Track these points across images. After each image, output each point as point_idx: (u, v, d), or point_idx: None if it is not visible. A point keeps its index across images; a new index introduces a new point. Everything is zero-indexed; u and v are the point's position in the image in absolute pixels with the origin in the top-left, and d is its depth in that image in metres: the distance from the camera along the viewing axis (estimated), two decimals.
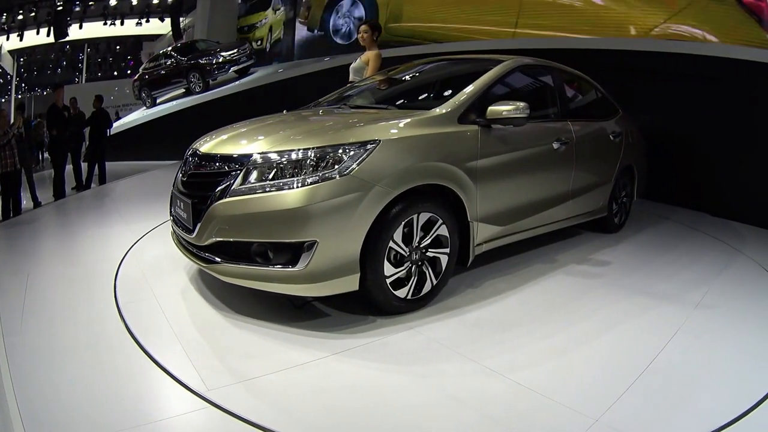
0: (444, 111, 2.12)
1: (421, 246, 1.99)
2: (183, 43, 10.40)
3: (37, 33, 15.75)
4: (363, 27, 3.51)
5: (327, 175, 1.72)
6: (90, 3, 15.47)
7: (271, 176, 1.77)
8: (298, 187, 1.71)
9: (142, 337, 1.84)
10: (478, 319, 2.02)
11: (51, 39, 14.58)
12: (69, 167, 5.75)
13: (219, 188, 1.84)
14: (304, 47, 8.99)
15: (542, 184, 2.62)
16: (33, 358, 1.71)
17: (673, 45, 4.27)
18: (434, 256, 2.06)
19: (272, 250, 1.76)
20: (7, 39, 16.28)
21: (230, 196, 1.79)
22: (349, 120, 2.05)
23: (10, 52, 17.17)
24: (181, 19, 13.85)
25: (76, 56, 21.83)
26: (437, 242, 2.06)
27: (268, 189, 1.74)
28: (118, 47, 21.65)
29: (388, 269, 1.88)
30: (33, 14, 15.17)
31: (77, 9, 15.04)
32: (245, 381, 1.55)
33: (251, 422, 1.35)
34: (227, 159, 1.88)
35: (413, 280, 1.99)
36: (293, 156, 1.76)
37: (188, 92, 9.23)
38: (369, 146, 1.79)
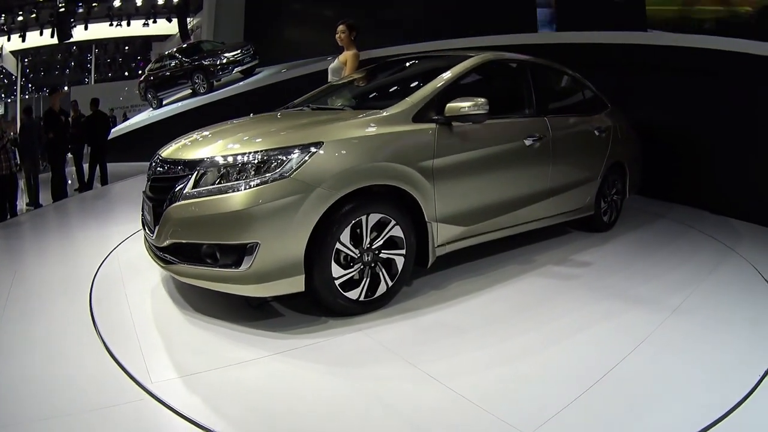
0: (396, 110, 2.13)
1: (373, 247, 2.01)
2: (188, 44, 10.67)
3: (41, 34, 16.32)
4: (340, 27, 3.55)
5: (269, 178, 1.77)
6: (93, 4, 16.00)
7: (218, 180, 1.83)
8: (241, 190, 1.76)
9: (105, 331, 1.94)
10: (433, 322, 2.03)
11: (55, 40, 15.11)
12: (72, 168, 6.03)
13: (174, 192, 1.92)
14: None
15: (513, 183, 2.59)
16: (6, 347, 1.84)
17: (671, 38, 4.14)
18: (389, 258, 2.08)
19: (219, 251, 1.82)
20: (8, 40, 16.88)
21: (182, 200, 1.86)
22: (301, 122, 2.09)
23: (13, 52, 17.83)
24: (189, 19, 14.20)
25: (84, 57, 22.66)
26: (392, 243, 2.08)
27: (215, 192, 1.80)
28: (126, 47, 22.38)
29: (336, 271, 1.91)
30: (34, 15, 15.74)
31: (81, 10, 15.57)
32: (188, 376, 1.62)
33: (182, 415, 1.42)
34: (182, 163, 1.96)
35: (365, 282, 2.01)
36: (239, 160, 1.82)
37: (194, 93, 9.48)
38: (312, 149, 1.83)
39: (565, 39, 4.91)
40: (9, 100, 20.93)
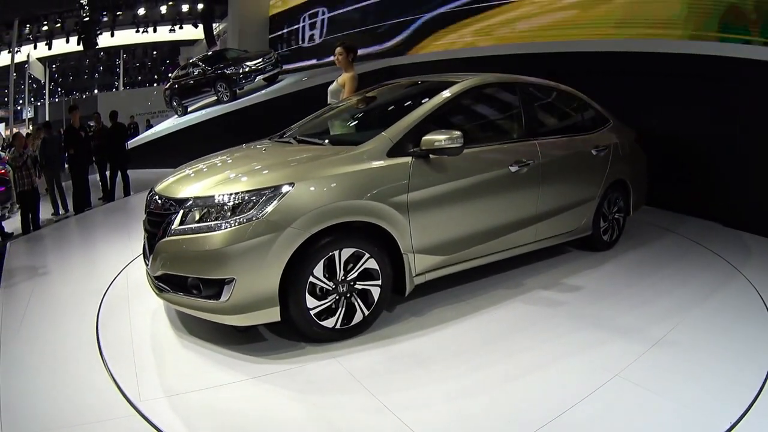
0: (371, 146, 2.26)
1: (348, 279, 2.16)
2: (211, 52, 11.11)
3: (67, 42, 17.33)
4: (338, 49, 3.67)
5: (243, 219, 1.95)
6: (118, 13, 16.89)
7: (201, 218, 2.04)
8: (219, 229, 1.96)
9: (106, 350, 2.20)
10: (404, 351, 2.15)
11: (80, 48, 15.99)
12: (96, 176, 6.52)
13: (164, 226, 2.14)
14: None
15: (496, 211, 2.66)
16: (18, 362, 2.13)
17: (679, 45, 4.03)
18: (365, 289, 2.22)
19: (202, 284, 2.03)
20: (35, 48, 17.98)
21: (170, 235, 2.09)
22: (278, 161, 2.27)
23: (40, 59, 18.95)
24: (214, 25, 14.75)
25: (113, 62, 23.98)
26: (367, 275, 2.22)
27: (197, 231, 2.01)
28: (155, 52, 23.53)
29: (311, 302, 2.08)
30: (59, 24, 16.71)
31: (105, 19, 16.44)
32: (172, 396, 1.84)
33: (159, 429, 1.63)
34: (170, 201, 2.17)
35: (341, 312, 2.17)
36: (218, 201, 2.02)
37: (218, 101, 9.89)
38: (283, 189, 2.00)
39: (580, 48, 4.86)
40: (39, 103, 22.49)
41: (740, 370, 2.04)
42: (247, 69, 9.42)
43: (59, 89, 26.39)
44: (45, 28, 16.54)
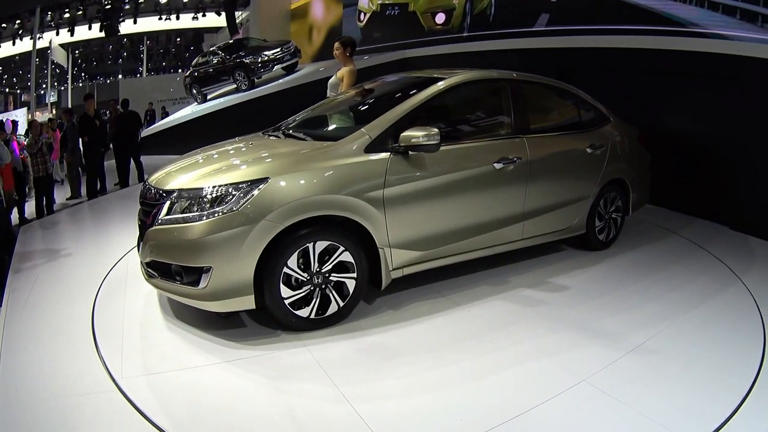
0: (349, 142, 2.35)
1: (323, 271, 2.28)
2: (231, 41, 11.35)
3: (89, 28, 17.94)
4: (336, 44, 3.78)
5: (221, 211, 2.09)
6: (140, 0, 17.38)
7: (184, 209, 2.19)
8: (199, 220, 2.10)
9: (99, 330, 2.40)
10: (375, 343, 2.25)
11: (103, 34, 16.57)
12: (112, 162, 6.88)
13: (152, 216, 2.31)
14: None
15: (478, 207, 2.70)
16: (20, 339, 2.35)
17: (692, 43, 3.92)
18: (339, 281, 2.34)
19: (183, 271, 2.19)
20: (57, 34, 18.67)
21: (157, 225, 2.25)
22: (260, 155, 2.38)
23: (62, 45, 19.64)
24: (237, 13, 14.99)
25: (136, 48, 24.73)
26: (343, 267, 2.33)
27: (180, 221, 2.16)
28: (178, 39, 24.16)
29: (286, 292, 2.21)
30: (81, 12, 17.32)
31: (127, 6, 16.95)
32: (150, 375, 2.01)
33: (135, 406, 1.80)
34: (159, 192, 2.33)
35: (315, 303, 2.29)
36: (199, 193, 2.16)
37: (237, 89, 10.14)
38: (260, 184, 2.12)
39: (588, 44, 4.78)
40: (62, 88, 23.52)
41: (716, 388, 1.95)
42: (265, 58, 9.60)
43: (83, 74, 27.51)
44: (67, 15, 17.24)
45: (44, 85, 24.10)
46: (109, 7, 15.28)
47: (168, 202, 2.25)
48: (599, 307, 2.66)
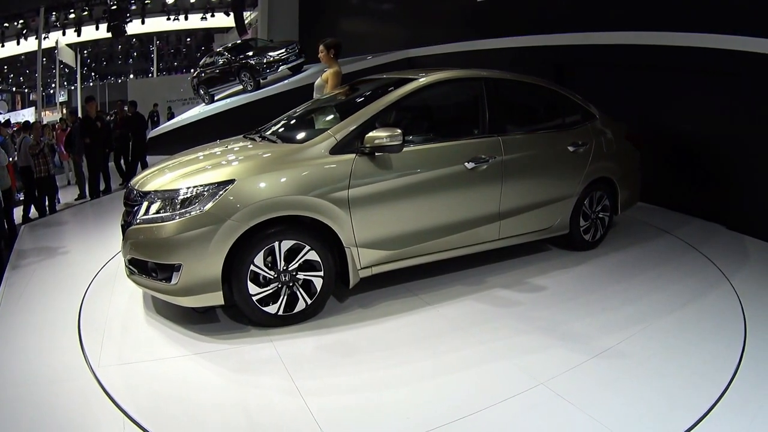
0: (314, 144, 2.49)
1: (290, 269, 2.44)
2: (237, 42, 11.69)
3: (96, 29, 18.56)
4: (320, 47, 3.94)
5: (190, 211, 2.27)
6: (146, 1, 17.93)
7: (159, 210, 2.38)
8: (171, 220, 2.28)
9: (84, 322, 2.62)
10: (338, 340, 2.38)
11: (110, 35, 17.16)
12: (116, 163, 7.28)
13: (133, 215, 2.52)
14: None
15: (448, 207, 2.79)
16: (11, 330, 2.59)
17: (691, 38, 3.89)
18: (307, 279, 2.48)
19: (158, 268, 2.38)
20: (63, 34, 19.36)
21: (135, 224, 2.45)
22: (230, 158, 2.55)
23: (71, 45, 20.29)
24: (246, 14, 15.35)
25: (146, 48, 25.53)
26: (310, 266, 2.47)
27: (155, 221, 2.35)
28: (188, 39, 24.89)
29: (253, 288, 2.36)
30: (86, 12, 17.93)
31: (134, 7, 17.52)
32: (124, 364, 2.21)
33: (106, 392, 1.99)
34: (138, 193, 2.53)
35: (282, 300, 2.44)
36: (172, 195, 2.33)
37: (244, 90, 10.45)
38: (227, 186, 2.28)
39: (584, 41, 4.80)
40: (72, 88, 24.50)
41: (684, 394, 1.92)
42: (270, 59, 9.86)
43: (93, 74, 28.56)
44: (72, 15, 17.95)
45: (53, 85, 25.15)
46: (114, 7, 15.89)
47: (146, 203, 2.44)
48: (574, 308, 2.70)
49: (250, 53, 10.06)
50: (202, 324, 2.55)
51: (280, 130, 2.99)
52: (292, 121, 3.10)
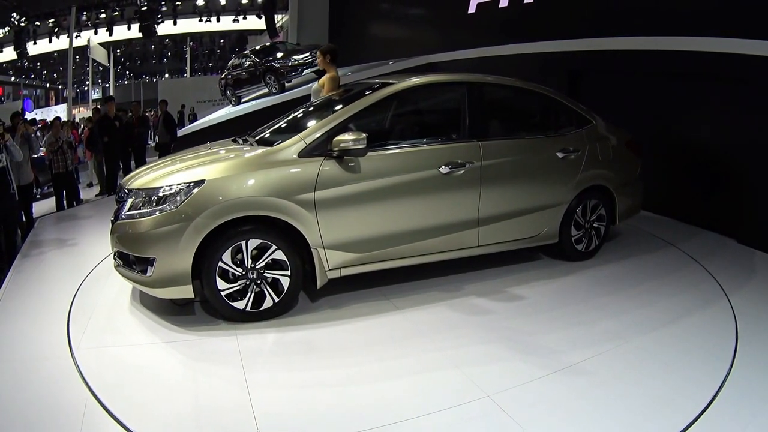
0: (283, 147, 2.67)
1: (257, 268, 2.64)
2: (267, 44, 12.27)
3: (128, 29, 19.63)
4: (318, 53, 4.18)
5: (164, 208, 2.51)
6: (177, 3, 18.95)
7: (140, 206, 2.65)
8: (146, 216, 2.55)
9: (74, 309, 2.91)
10: (299, 338, 2.54)
11: (141, 35, 18.22)
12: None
13: (119, 211, 2.83)
14: None
15: (422, 211, 2.89)
16: (12, 312, 2.93)
17: (705, 43, 3.78)
18: (275, 278, 2.67)
19: (136, 260, 2.65)
20: (95, 33, 20.66)
21: (120, 219, 2.75)
22: (206, 159, 2.77)
23: (102, 44, 21.57)
24: (278, 17, 15.99)
25: (180, 48, 26.98)
26: (278, 265, 2.66)
27: (134, 216, 2.61)
28: (222, 41, 26.16)
29: (222, 284, 2.57)
30: (117, 13, 18.96)
31: (164, 8, 18.54)
32: (100, 347, 2.47)
33: (80, 371, 2.25)
34: (126, 191, 2.83)
35: (250, 297, 2.64)
36: (149, 193, 2.59)
37: (269, 92, 10.97)
38: (198, 185, 2.51)
39: (596, 46, 4.75)
40: (107, 85, 26.22)
41: (644, 421, 1.83)
42: (294, 62, 10.30)
43: (127, 72, 30.45)
44: (103, 15, 19.26)
45: (87, 82, 27.03)
46: (145, 8, 16.97)
47: (130, 199, 2.73)
48: (547, 320, 2.70)
49: (275, 56, 10.54)
50: (179, 316, 2.80)
51: (264, 134, 3.21)
52: (283, 125, 3.31)
